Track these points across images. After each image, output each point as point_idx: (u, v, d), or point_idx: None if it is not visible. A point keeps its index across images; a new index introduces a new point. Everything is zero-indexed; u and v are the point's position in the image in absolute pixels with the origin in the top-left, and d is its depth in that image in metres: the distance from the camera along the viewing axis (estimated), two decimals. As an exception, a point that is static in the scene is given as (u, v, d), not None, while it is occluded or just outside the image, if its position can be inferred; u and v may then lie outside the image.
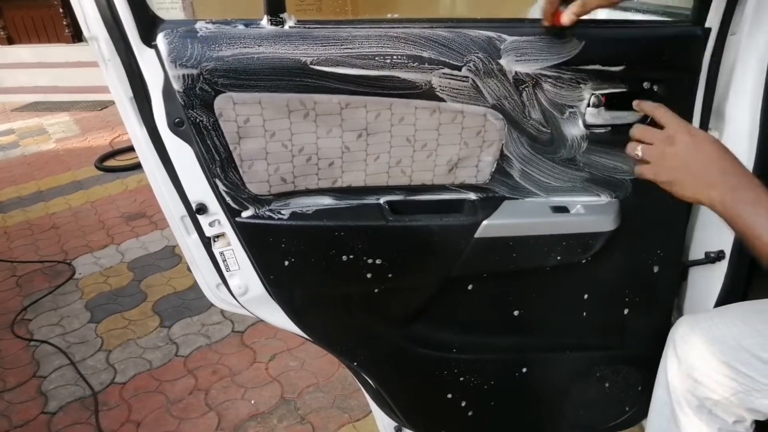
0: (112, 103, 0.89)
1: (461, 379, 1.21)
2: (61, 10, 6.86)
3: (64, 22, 6.92)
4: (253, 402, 1.91)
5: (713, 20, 0.96)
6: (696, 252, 1.15)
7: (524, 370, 1.22)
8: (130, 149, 4.27)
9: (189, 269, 2.64)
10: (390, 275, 1.06)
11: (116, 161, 4.24)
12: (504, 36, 0.92)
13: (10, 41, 7.19)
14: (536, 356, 1.21)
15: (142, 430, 1.83)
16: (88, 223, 3.32)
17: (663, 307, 1.19)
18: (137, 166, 3.97)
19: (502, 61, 0.92)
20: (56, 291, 2.64)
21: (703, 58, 0.97)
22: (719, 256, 1.10)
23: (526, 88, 0.94)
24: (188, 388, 2.00)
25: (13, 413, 1.94)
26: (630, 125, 0.97)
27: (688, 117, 1.00)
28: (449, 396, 1.24)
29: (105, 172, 4.06)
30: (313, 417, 1.83)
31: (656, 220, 1.07)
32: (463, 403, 1.26)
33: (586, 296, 1.15)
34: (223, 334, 2.26)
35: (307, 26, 0.90)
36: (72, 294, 2.62)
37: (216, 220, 1.02)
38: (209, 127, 0.91)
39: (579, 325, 1.18)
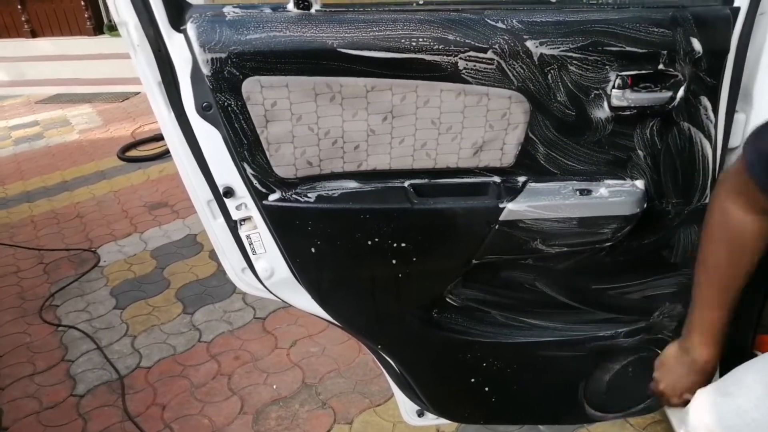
0: (134, 94, 0.91)
1: (485, 363, 1.22)
2: (82, 3, 6.96)
3: (86, 15, 7.01)
4: (275, 387, 1.94)
5: None
6: (722, 236, 1.13)
7: (548, 354, 1.22)
8: (152, 140, 4.33)
9: (211, 257, 2.69)
10: (415, 258, 1.07)
11: (138, 152, 4.29)
12: (529, 18, 0.91)
13: (33, 34, 7.31)
14: (560, 340, 1.21)
15: (167, 413, 1.87)
16: (112, 212, 3.37)
17: (687, 292, 1.18)
18: (159, 157, 4.03)
19: (527, 44, 0.91)
20: (82, 278, 2.69)
21: (732, 38, 0.96)
22: (745, 240, 1.09)
23: (552, 70, 0.94)
24: (211, 372, 2.03)
25: (43, 395, 1.99)
26: (655, 107, 0.97)
27: (714, 99, 0.99)
28: (473, 380, 1.25)
29: (127, 163, 4.12)
30: (335, 402, 1.85)
31: (681, 203, 1.07)
32: (487, 388, 1.26)
33: (610, 280, 1.15)
34: (245, 321, 2.29)
35: (333, 10, 0.91)
36: (97, 281, 2.67)
37: (243, 204, 1.03)
38: (237, 111, 0.93)
39: (603, 310, 1.18)
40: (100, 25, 7.00)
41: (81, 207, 3.47)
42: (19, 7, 7.15)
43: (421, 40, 0.89)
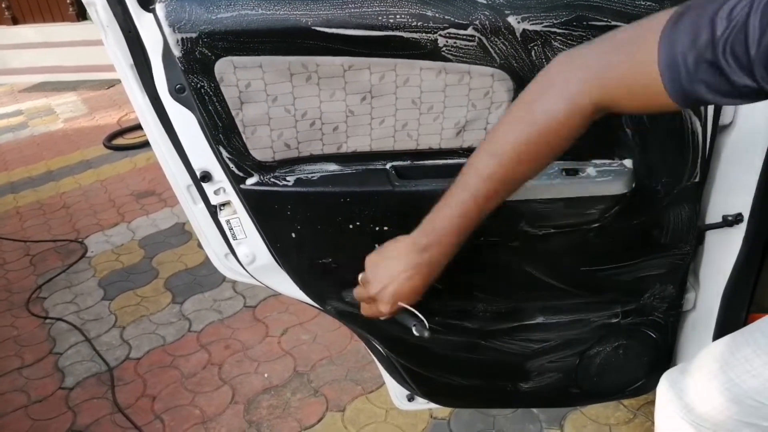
0: (119, 81, 0.88)
1: (472, 347, 1.20)
2: (64, -11, 6.83)
3: (68, 1, 6.88)
4: (266, 375, 1.92)
5: None
6: (713, 215, 1.12)
7: (536, 337, 1.20)
8: (138, 127, 4.27)
9: (200, 246, 2.66)
10: None
11: (124, 140, 4.24)
12: None
13: (14, 21, 7.17)
14: (549, 323, 1.19)
15: (158, 404, 1.86)
16: (99, 201, 3.33)
17: (678, 273, 1.16)
18: (145, 144, 3.97)
19: (509, 19, 0.88)
20: (69, 269, 2.66)
21: None
22: (737, 219, 1.07)
23: (535, 47, 0.91)
24: (202, 362, 2.02)
25: (31, 389, 1.98)
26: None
27: None
28: (460, 364, 1.23)
29: (114, 151, 4.07)
30: (327, 389, 1.84)
31: (671, 182, 1.04)
32: (475, 372, 1.25)
33: (597, 261, 1.13)
34: (235, 309, 2.27)
35: None
36: (85, 272, 2.64)
37: (221, 188, 1.01)
38: (210, 93, 0.90)
39: (593, 292, 1.16)
40: (83, 11, 6.86)
41: (67, 197, 3.43)
42: (-1, -6, 7.02)
43: (398, 16, 0.86)
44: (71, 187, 3.56)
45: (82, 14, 6.91)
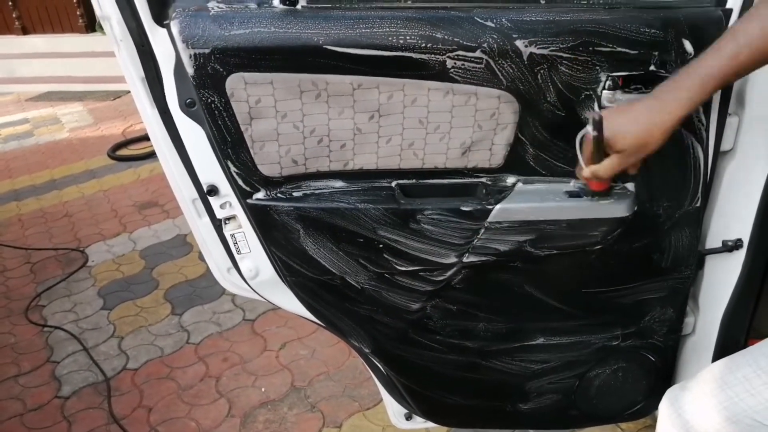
0: (125, 92, 0.90)
1: (472, 367, 1.20)
2: (74, 0, 6.90)
3: (78, 12, 6.97)
4: (263, 389, 1.92)
5: (734, 1, 0.93)
6: (713, 240, 1.13)
7: (537, 358, 1.21)
8: (143, 139, 4.30)
9: (201, 258, 2.67)
10: (401, 260, 1.05)
11: (129, 150, 4.26)
12: (519, 17, 0.90)
13: (24, 31, 7.25)
14: (549, 344, 1.19)
15: (154, 415, 1.85)
16: (101, 211, 3.34)
17: (678, 297, 1.17)
18: (149, 156, 4.00)
19: (517, 43, 0.90)
20: (69, 278, 2.66)
21: None
22: (737, 244, 1.08)
23: (541, 70, 0.92)
24: (199, 375, 2.01)
25: (27, 397, 1.97)
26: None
27: (706, 102, 0.98)
28: (460, 383, 1.23)
29: (117, 161, 4.09)
30: (324, 405, 1.83)
31: (672, 206, 1.06)
32: (474, 392, 1.25)
33: (598, 284, 1.14)
34: (234, 322, 2.27)
35: (319, 6, 0.90)
36: (85, 281, 2.64)
37: (227, 202, 1.02)
38: (221, 108, 0.91)
39: (593, 314, 1.17)
40: (92, 22, 6.95)
41: (70, 206, 3.44)
42: (10, 3, 7.09)
43: (408, 38, 0.88)
44: (74, 196, 3.57)
45: (90, 26, 7.00)
